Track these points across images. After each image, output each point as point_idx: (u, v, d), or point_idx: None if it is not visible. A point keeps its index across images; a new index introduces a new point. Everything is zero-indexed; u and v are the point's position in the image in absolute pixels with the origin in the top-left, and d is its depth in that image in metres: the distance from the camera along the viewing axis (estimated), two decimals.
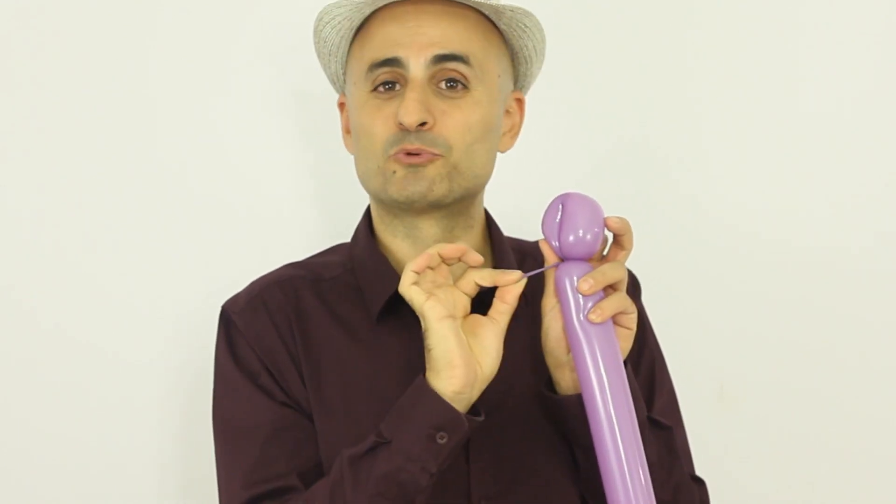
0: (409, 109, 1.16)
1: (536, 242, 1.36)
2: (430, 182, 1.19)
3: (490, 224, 1.32)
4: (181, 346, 1.56)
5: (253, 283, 1.30)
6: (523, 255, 1.33)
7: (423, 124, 1.18)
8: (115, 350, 1.55)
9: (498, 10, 1.23)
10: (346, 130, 1.30)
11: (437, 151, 1.18)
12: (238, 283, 1.31)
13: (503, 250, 1.30)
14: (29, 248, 1.53)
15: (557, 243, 1.11)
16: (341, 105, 1.32)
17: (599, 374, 1.09)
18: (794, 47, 1.72)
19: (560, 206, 1.11)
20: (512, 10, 1.22)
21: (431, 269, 1.11)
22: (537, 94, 1.39)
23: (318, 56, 1.30)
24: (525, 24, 1.25)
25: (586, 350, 1.10)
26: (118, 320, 1.55)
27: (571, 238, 1.10)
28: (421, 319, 1.09)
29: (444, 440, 1.08)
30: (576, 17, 1.68)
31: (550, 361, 1.16)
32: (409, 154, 1.18)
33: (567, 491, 1.22)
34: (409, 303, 1.10)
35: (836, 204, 1.73)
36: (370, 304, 1.25)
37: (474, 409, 1.12)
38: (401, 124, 1.17)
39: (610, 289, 1.12)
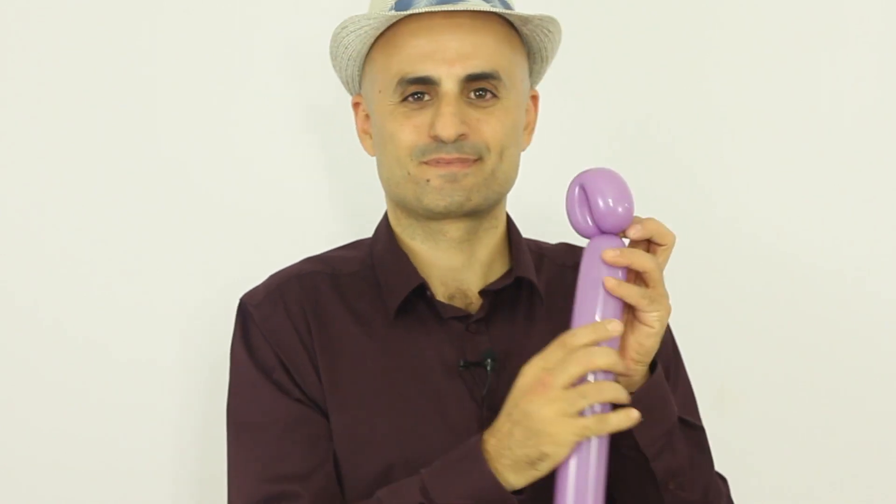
0: (447, 123, 1.17)
1: (555, 245, 1.36)
2: (468, 192, 1.20)
3: (510, 224, 1.32)
4: (196, 343, 1.55)
5: (272, 277, 1.30)
6: (541, 257, 1.34)
7: (460, 136, 1.18)
8: (129, 349, 1.54)
9: (525, 19, 1.23)
10: (363, 131, 1.30)
11: (474, 157, 1.19)
12: (252, 279, 1.31)
13: (521, 251, 1.30)
14: (41, 249, 1.52)
15: (589, 218, 1.09)
16: (356, 105, 1.31)
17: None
18: (814, 42, 1.72)
19: (579, 186, 1.10)
20: (540, 19, 1.23)
21: None
22: (547, 91, 1.38)
23: (334, 59, 1.28)
24: (549, 30, 1.26)
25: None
26: (132, 319, 1.54)
27: (602, 204, 1.07)
28: (540, 450, 1.03)
29: None
30: (591, 10, 1.68)
31: None
32: (446, 162, 1.19)
33: None
34: (554, 454, 1.03)
35: (836, 203, 1.73)
36: (388, 299, 1.25)
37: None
38: (436, 136, 1.18)
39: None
